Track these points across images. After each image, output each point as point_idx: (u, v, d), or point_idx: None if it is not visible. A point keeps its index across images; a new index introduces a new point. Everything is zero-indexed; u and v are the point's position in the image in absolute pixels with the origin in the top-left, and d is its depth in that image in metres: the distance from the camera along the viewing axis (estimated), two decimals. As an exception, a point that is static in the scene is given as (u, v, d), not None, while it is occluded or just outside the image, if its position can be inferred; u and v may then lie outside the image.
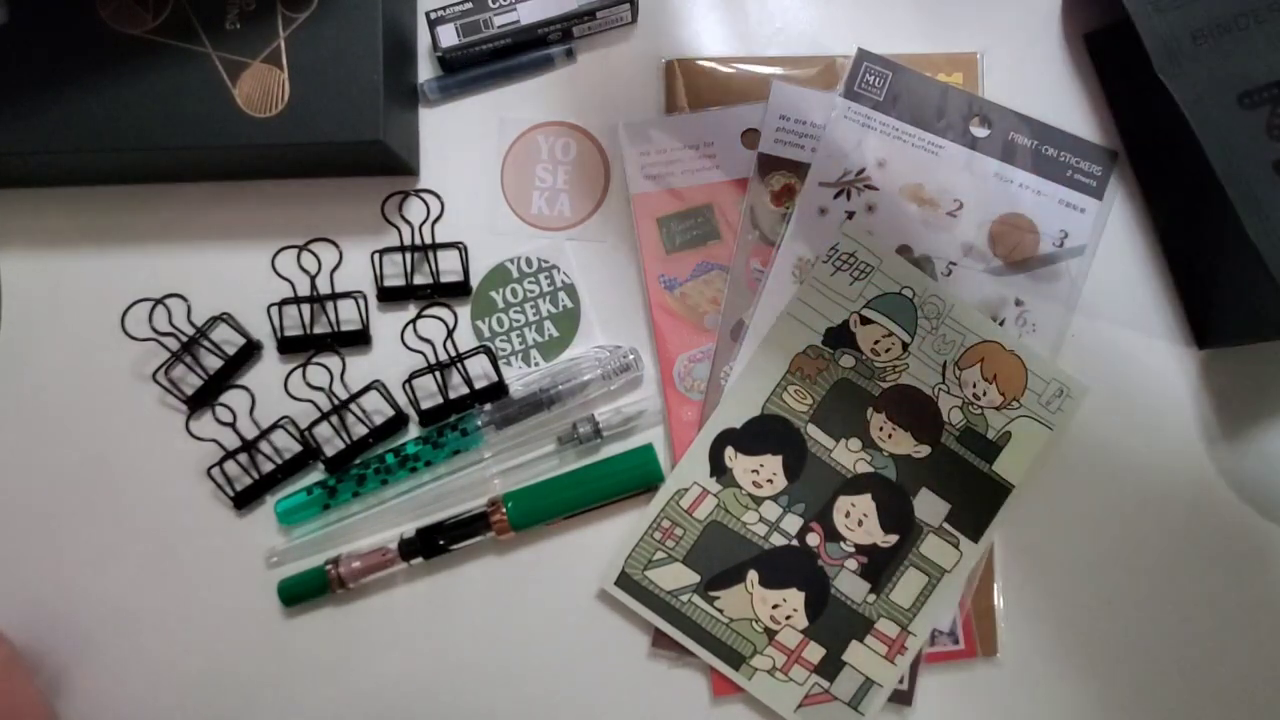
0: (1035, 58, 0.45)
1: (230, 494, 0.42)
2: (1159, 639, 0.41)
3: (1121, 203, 0.44)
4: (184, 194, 0.44)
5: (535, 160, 0.45)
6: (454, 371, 0.42)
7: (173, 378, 0.42)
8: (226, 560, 0.42)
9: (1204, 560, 0.41)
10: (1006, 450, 0.41)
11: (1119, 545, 0.42)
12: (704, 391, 0.42)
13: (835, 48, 0.45)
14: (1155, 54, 0.38)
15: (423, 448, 0.42)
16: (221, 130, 0.40)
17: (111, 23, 0.40)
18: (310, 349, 0.43)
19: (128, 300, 0.42)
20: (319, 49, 0.40)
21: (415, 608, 0.42)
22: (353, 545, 0.42)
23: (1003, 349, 0.41)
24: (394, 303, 0.44)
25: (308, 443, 0.42)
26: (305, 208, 0.44)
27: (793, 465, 0.41)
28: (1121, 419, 0.42)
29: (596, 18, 0.44)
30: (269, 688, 0.41)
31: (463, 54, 0.44)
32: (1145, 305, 0.43)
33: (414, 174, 0.44)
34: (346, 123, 0.39)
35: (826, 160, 0.43)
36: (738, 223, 0.43)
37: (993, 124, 0.43)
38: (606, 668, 0.41)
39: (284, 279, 0.43)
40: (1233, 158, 0.37)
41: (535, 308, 0.44)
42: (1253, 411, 0.42)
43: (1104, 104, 0.44)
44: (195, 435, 0.42)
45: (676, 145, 0.43)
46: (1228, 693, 0.41)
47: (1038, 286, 0.42)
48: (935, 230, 0.43)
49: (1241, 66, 0.37)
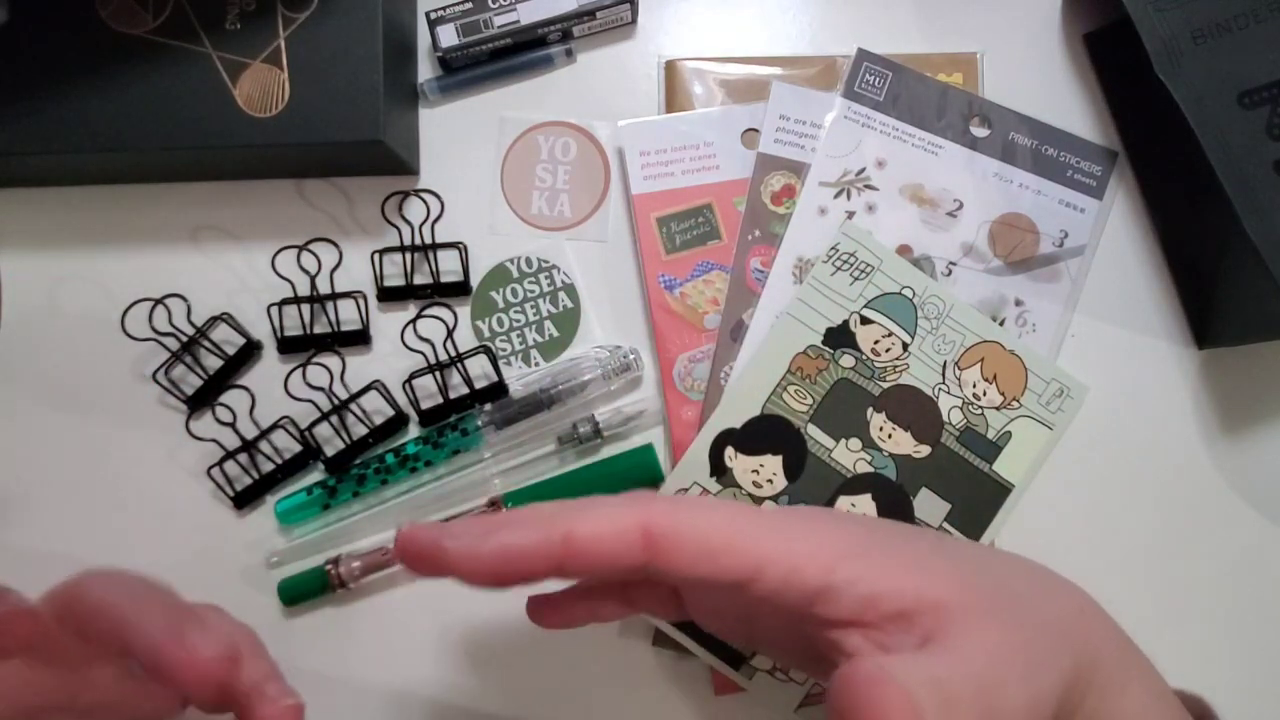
0: (1035, 58, 0.45)
1: (230, 494, 0.42)
2: (1158, 639, 0.41)
3: (1121, 203, 0.44)
4: (184, 194, 0.44)
5: (535, 160, 0.45)
6: (454, 371, 0.42)
7: (173, 378, 0.42)
8: (226, 560, 0.42)
9: (1204, 560, 0.41)
10: (1006, 450, 0.41)
11: (1118, 545, 0.42)
12: (704, 391, 0.42)
13: (835, 48, 0.45)
14: (1155, 54, 0.38)
15: (423, 448, 0.42)
16: (221, 130, 0.40)
17: (111, 23, 0.40)
18: (310, 349, 0.43)
19: (128, 300, 0.42)
20: (319, 49, 0.40)
21: (415, 608, 0.42)
22: (353, 545, 0.42)
23: (1003, 349, 0.41)
24: (394, 303, 0.44)
25: (308, 443, 0.42)
26: (305, 208, 0.44)
27: (793, 465, 0.41)
28: (1121, 419, 0.42)
29: (596, 18, 0.44)
30: (269, 688, 0.41)
31: (463, 54, 0.44)
32: (1145, 305, 0.43)
33: (414, 174, 0.44)
34: (346, 123, 0.39)
35: (826, 160, 0.43)
36: (738, 223, 0.43)
37: (993, 124, 0.43)
38: (607, 667, 0.41)
39: (284, 279, 0.43)
40: (1233, 158, 0.37)
41: (535, 308, 0.44)
42: (1253, 411, 0.42)
43: (1104, 104, 0.44)
44: (195, 435, 0.42)
45: (676, 145, 0.43)
46: (1228, 693, 0.41)
47: (1038, 286, 0.42)
48: (935, 230, 0.43)
49: (1241, 66, 0.37)
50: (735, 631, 0.33)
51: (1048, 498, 0.42)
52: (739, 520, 0.27)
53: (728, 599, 0.31)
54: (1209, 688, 0.37)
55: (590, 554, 0.25)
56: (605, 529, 0.25)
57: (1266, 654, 0.41)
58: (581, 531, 0.25)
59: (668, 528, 0.26)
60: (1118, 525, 0.42)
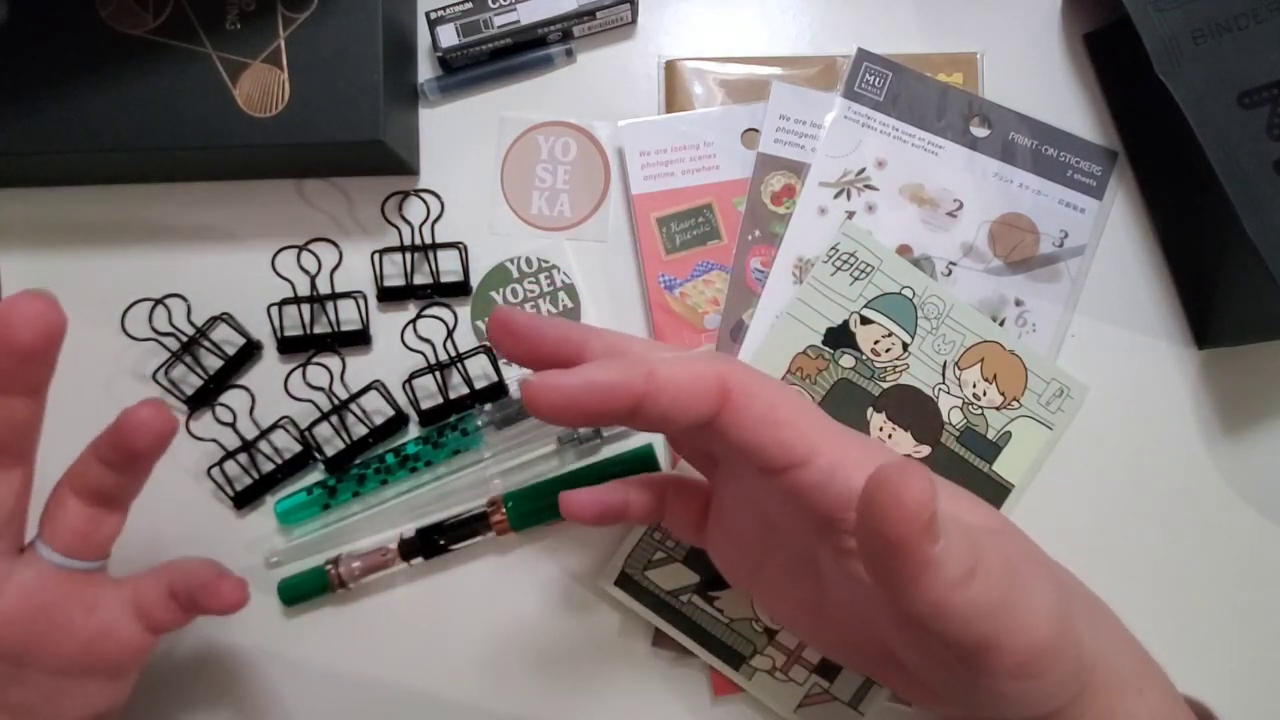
0: (1035, 58, 0.45)
1: (230, 494, 0.42)
2: (1158, 639, 0.41)
3: (1121, 203, 0.44)
4: (184, 194, 0.44)
5: (535, 160, 0.45)
6: (454, 371, 0.42)
7: (173, 378, 0.42)
8: (226, 560, 0.42)
9: (1204, 560, 0.41)
10: (1006, 450, 0.41)
11: (1118, 545, 0.42)
12: (704, 391, 0.42)
13: (835, 48, 0.45)
14: (1155, 54, 0.38)
15: (423, 448, 0.42)
16: (221, 130, 0.40)
17: (111, 23, 0.40)
18: (310, 349, 0.43)
19: (128, 300, 0.42)
20: (319, 49, 0.40)
21: (415, 608, 0.42)
22: (353, 545, 0.42)
23: (1003, 349, 0.41)
24: (394, 303, 0.44)
25: (308, 443, 0.42)
26: (305, 208, 0.44)
27: (793, 465, 0.41)
28: (1121, 419, 0.42)
29: (596, 18, 0.44)
30: (269, 687, 0.41)
31: (463, 54, 0.44)
32: (1145, 305, 0.43)
33: (414, 174, 0.44)
34: (346, 123, 0.39)
35: (826, 160, 0.43)
36: (738, 223, 0.43)
37: (993, 124, 0.43)
38: (607, 667, 0.41)
39: (284, 279, 0.42)
40: (1233, 158, 0.37)
41: (535, 308, 0.44)
42: (1253, 411, 0.42)
43: (1104, 104, 0.44)
44: (195, 435, 0.42)
45: (676, 145, 0.43)
46: (1229, 693, 0.41)
47: (1038, 286, 0.42)
48: (935, 230, 0.43)
49: (1241, 66, 0.37)
50: (745, 556, 0.34)
51: (1048, 498, 0.42)
52: (806, 406, 0.28)
53: (759, 498, 0.32)
54: (1210, 687, 0.37)
55: (669, 393, 0.26)
56: (686, 372, 0.26)
57: (1267, 654, 0.41)
58: (664, 371, 0.26)
59: (744, 385, 0.27)
60: (1118, 525, 0.42)
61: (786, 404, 0.27)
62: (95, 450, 0.31)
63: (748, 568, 0.34)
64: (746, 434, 0.27)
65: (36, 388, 0.28)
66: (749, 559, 0.34)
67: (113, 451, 0.30)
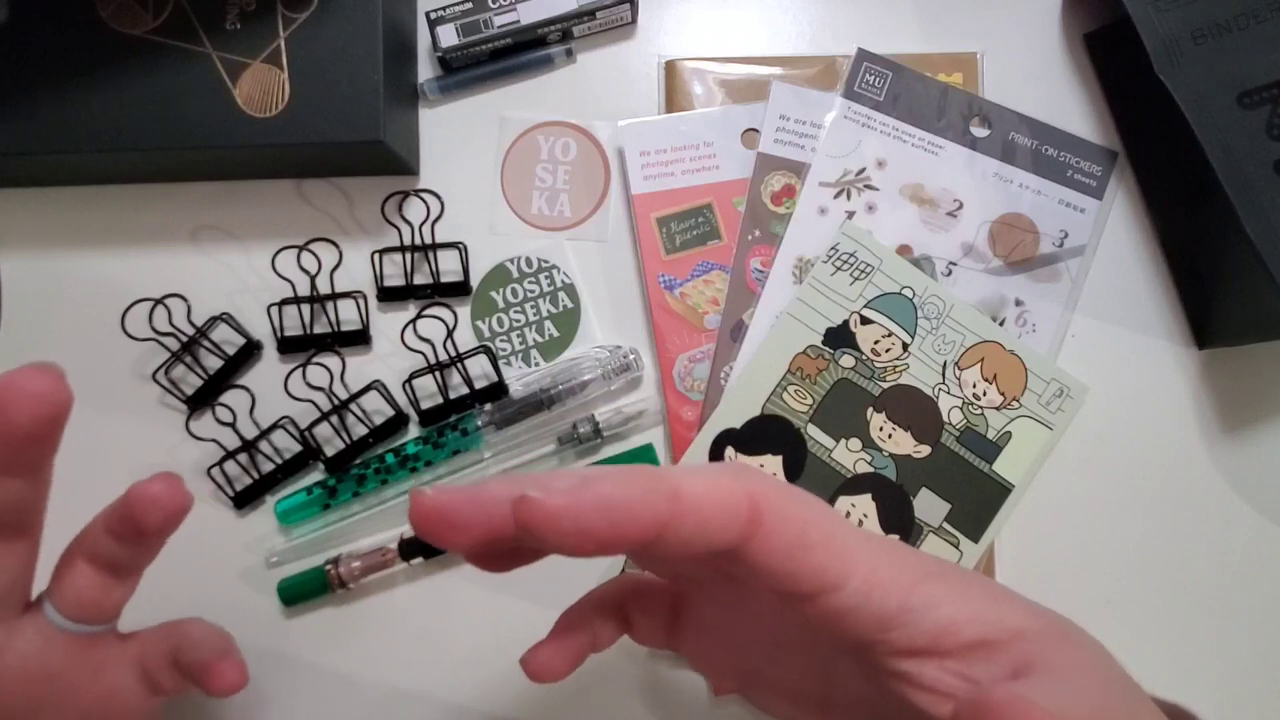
0: (1035, 58, 0.45)
1: (230, 494, 0.42)
2: (1158, 639, 0.41)
3: (1121, 203, 0.44)
4: (184, 194, 0.44)
5: (535, 160, 0.45)
6: (454, 371, 0.42)
7: (173, 378, 0.42)
8: (226, 560, 0.42)
9: (1204, 560, 0.41)
10: (1006, 450, 0.41)
11: (1119, 545, 0.42)
12: (704, 391, 0.42)
13: (835, 48, 0.45)
14: (1155, 54, 0.38)
15: (423, 448, 0.42)
16: (221, 130, 0.40)
17: (111, 23, 0.40)
18: (310, 349, 0.43)
19: (128, 300, 0.42)
20: (319, 49, 0.40)
21: (415, 608, 0.42)
22: (353, 545, 0.42)
23: (1003, 349, 0.41)
24: (394, 303, 0.44)
25: (308, 443, 0.42)
26: (305, 208, 0.44)
27: (793, 465, 0.41)
28: (1121, 419, 0.42)
29: (596, 18, 0.44)
30: (269, 687, 0.41)
31: (463, 54, 0.44)
32: (1145, 305, 0.43)
33: (414, 174, 0.44)
34: (346, 123, 0.39)
35: (826, 160, 0.43)
36: (738, 223, 0.43)
37: (993, 124, 0.43)
38: (607, 667, 0.41)
39: (284, 279, 0.43)
40: (1233, 158, 0.37)
41: (535, 308, 0.44)
42: (1253, 411, 0.42)
43: (1104, 104, 0.44)
44: (195, 435, 0.42)
45: (676, 145, 0.43)
46: (1226, 693, 0.41)
47: (1038, 286, 0.42)
48: (935, 230, 0.43)
49: (1241, 66, 0.37)
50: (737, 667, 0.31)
51: (1048, 498, 0.42)
52: (835, 520, 0.24)
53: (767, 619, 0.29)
54: (1210, 686, 0.37)
55: (698, 514, 0.22)
56: (715, 490, 0.22)
57: (1265, 654, 0.41)
58: (691, 489, 0.22)
59: (777, 507, 0.23)
60: (1118, 525, 0.42)
61: (818, 523, 0.24)
62: (105, 522, 0.29)
63: (739, 677, 0.31)
64: (776, 561, 0.23)
65: (37, 468, 0.26)
66: (741, 668, 0.31)
67: (122, 525, 0.29)
